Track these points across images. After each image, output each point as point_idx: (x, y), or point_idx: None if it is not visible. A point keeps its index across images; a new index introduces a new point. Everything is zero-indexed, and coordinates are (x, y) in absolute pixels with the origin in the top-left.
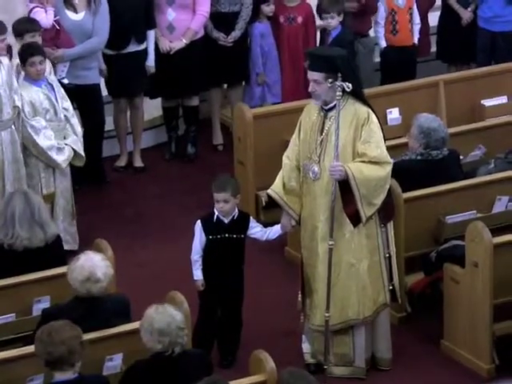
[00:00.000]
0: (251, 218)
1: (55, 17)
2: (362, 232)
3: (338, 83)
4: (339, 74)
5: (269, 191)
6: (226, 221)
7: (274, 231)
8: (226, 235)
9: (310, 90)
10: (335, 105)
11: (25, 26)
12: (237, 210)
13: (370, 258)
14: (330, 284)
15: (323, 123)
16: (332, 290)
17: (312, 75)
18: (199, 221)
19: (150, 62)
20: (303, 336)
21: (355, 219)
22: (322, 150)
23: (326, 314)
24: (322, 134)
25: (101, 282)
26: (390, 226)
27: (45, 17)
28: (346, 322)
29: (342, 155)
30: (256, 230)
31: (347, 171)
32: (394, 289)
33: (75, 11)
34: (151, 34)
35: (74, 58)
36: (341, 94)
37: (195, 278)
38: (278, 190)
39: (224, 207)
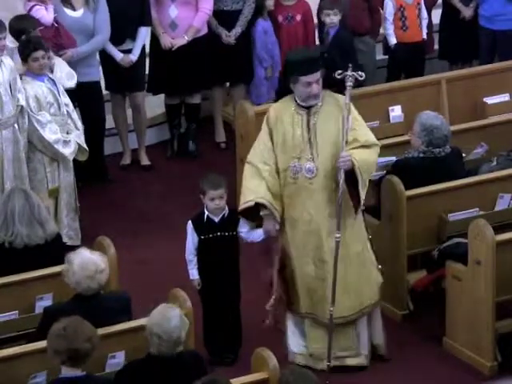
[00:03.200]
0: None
1: (54, 14)
2: (358, 219)
3: (350, 73)
4: (350, 65)
5: (260, 200)
6: (217, 219)
7: (258, 235)
8: (218, 234)
9: (314, 92)
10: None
11: (23, 24)
12: (227, 208)
13: (365, 242)
14: (336, 277)
15: (308, 121)
16: (346, 282)
17: (316, 76)
18: (190, 221)
19: (132, 55)
20: (288, 338)
21: (358, 205)
22: (313, 148)
23: (331, 309)
24: (309, 132)
25: (106, 270)
26: None
27: (46, 14)
28: (361, 311)
29: (336, 147)
30: (243, 230)
31: (353, 160)
32: (380, 268)
33: (73, 9)
34: (143, 30)
35: (82, 56)
36: (352, 84)
37: (191, 277)
38: (268, 196)
39: (221, 203)
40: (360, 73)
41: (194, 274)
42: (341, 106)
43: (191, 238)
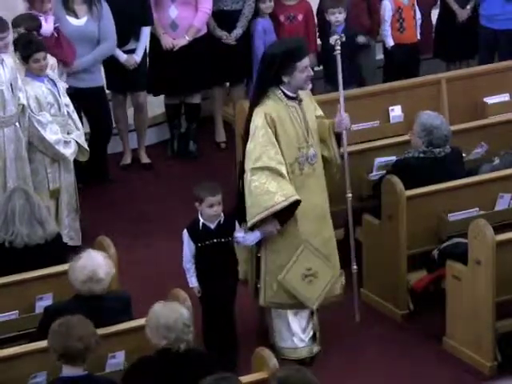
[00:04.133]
0: (236, 221)
1: (55, 24)
2: None
3: (337, 37)
4: (335, 31)
5: (296, 197)
6: (213, 226)
7: (254, 237)
8: (215, 240)
9: (311, 74)
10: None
11: (26, 22)
12: (222, 215)
13: None
14: (353, 237)
15: (301, 109)
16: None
17: (308, 59)
18: (185, 230)
19: (136, 55)
20: (298, 342)
21: None
22: (309, 133)
23: (354, 267)
24: (304, 120)
25: (103, 282)
26: None
27: (45, 25)
28: None
29: (316, 130)
30: (239, 235)
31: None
32: None
33: (76, 16)
34: (145, 30)
35: (93, 63)
36: (340, 48)
37: (191, 285)
38: (295, 192)
39: (218, 209)
40: (342, 35)
41: (192, 281)
42: (306, 92)
43: (188, 247)
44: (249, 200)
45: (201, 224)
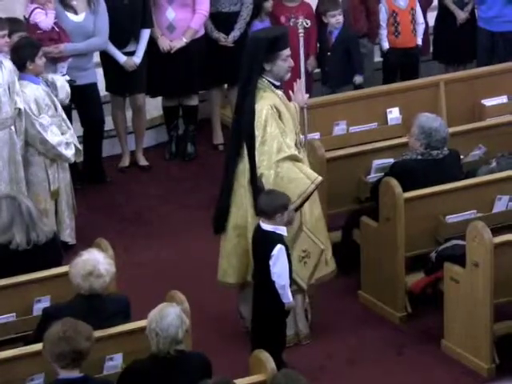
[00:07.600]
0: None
1: (55, 19)
2: None
3: (300, 20)
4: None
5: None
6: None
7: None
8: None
9: (293, 64)
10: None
11: (12, 26)
12: None
13: None
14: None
15: (285, 97)
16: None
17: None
18: (281, 246)
19: (136, 57)
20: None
21: None
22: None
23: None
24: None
25: (103, 277)
26: None
27: (45, 19)
28: None
29: None
30: None
31: None
32: None
33: (75, 12)
34: (145, 32)
35: (75, 53)
36: (303, 31)
37: (290, 300)
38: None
39: None
40: (307, 20)
41: (291, 296)
42: None
43: (286, 261)
44: None
45: (282, 233)
